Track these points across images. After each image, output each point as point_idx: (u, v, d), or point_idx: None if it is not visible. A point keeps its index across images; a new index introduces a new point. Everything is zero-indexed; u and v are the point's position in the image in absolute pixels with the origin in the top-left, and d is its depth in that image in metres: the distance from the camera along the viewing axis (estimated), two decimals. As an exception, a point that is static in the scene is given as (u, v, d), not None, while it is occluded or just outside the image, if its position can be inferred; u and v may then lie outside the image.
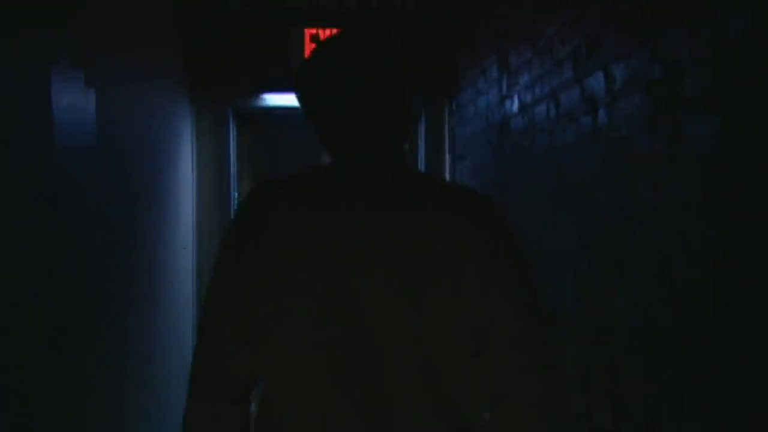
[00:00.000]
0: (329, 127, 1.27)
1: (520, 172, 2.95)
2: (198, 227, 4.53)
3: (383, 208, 1.20)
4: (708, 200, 1.50)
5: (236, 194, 4.79)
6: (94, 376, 2.45)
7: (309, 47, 4.61)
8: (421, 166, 4.74)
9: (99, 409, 2.51)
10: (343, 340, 1.18)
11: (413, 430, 1.18)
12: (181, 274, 4.11)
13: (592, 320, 2.17)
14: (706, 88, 1.50)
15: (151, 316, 3.38)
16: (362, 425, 1.17)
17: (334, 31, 4.47)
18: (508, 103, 3.17)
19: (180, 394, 1.39)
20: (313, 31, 4.53)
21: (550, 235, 2.53)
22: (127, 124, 3.00)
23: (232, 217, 1.30)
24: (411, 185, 1.25)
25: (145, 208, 3.30)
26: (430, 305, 1.17)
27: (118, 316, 2.79)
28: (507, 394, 1.19)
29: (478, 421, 1.23)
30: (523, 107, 2.91)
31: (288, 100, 4.60)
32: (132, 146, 3.09)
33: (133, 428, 2.97)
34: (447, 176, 4.59)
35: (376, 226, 1.19)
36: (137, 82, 3.19)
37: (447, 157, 4.61)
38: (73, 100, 2.31)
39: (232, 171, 4.67)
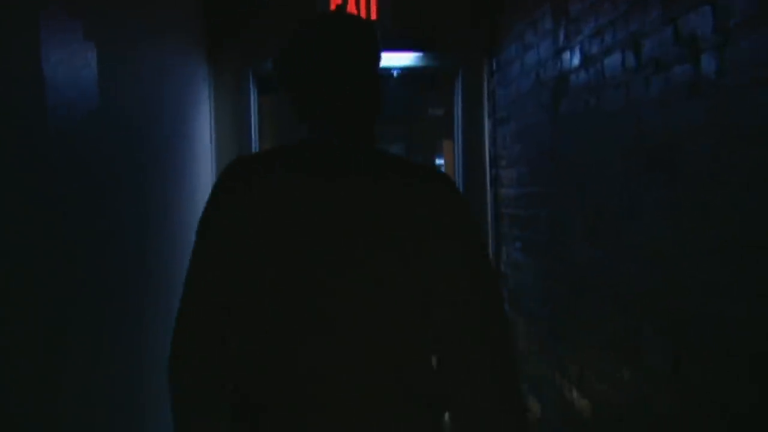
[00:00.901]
0: (302, 105, 1.35)
1: (582, 133, 2.58)
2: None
3: (345, 185, 1.29)
4: None
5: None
6: (100, 372, 2.15)
7: (334, 3, 4.23)
8: (458, 131, 4.37)
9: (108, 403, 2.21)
10: (301, 302, 1.28)
11: (365, 388, 1.28)
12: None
13: (696, 326, 1.81)
14: None
15: (168, 299, 3.07)
16: (315, 383, 1.28)
17: (364, -17, 4.10)
18: (565, 56, 2.78)
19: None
20: (340, -15, 4.17)
21: (627, 205, 2.17)
22: (136, 85, 2.66)
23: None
24: (373, 163, 1.33)
25: (158, 180, 2.97)
26: (381, 274, 1.27)
27: (130, 302, 2.48)
28: (455, 361, 1.28)
29: (422, 381, 1.32)
30: (587, 59, 2.53)
31: (313, 60, 4.23)
32: (142, 110, 2.75)
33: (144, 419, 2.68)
34: (486, 142, 4.22)
35: (337, 201, 1.28)
36: (148, 37, 2.85)
37: (486, 120, 4.23)
38: (69, 55, 1.97)
39: (253, 138, 4.33)
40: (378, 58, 1.38)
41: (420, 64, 4.21)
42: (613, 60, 2.28)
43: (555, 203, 2.93)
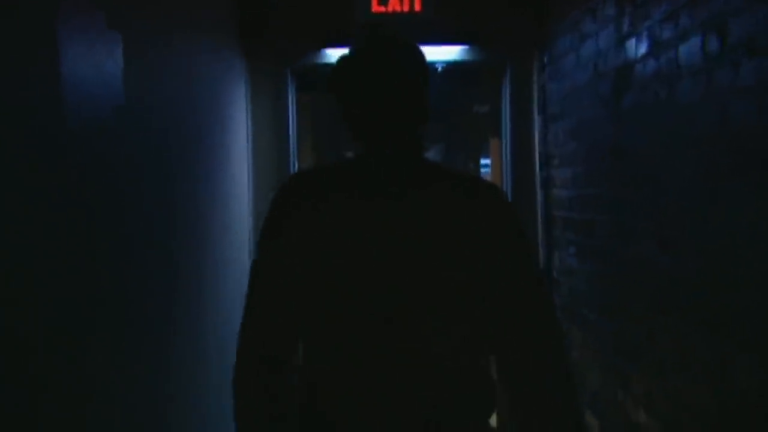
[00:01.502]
0: (357, 123, 1.43)
1: (651, 128, 2.34)
2: (254, 205, 4.03)
3: (400, 198, 1.41)
4: None
5: (296, 169, 4.27)
6: (123, 379, 1.98)
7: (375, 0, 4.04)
8: (505, 129, 4.14)
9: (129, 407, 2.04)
10: (366, 305, 1.38)
11: (424, 388, 1.38)
12: (233, 263, 3.63)
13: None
14: None
15: (200, 303, 2.91)
16: (387, 372, 1.38)
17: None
18: (630, 44, 2.54)
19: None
20: (380, -23, 3.97)
21: (709, 209, 1.93)
22: (166, 80, 2.50)
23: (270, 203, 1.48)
24: (426, 175, 1.44)
25: (188, 181, 2.80)
26: (438, 280, 1.38)
27: (153, 307, 2.31)
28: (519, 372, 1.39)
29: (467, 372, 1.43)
30: (656, 46, 2.29)
31: (353, 56, 4.04)
32: (172, 107, 2.58)
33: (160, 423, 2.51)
34: (536, 140, 3.98)
35: (393, 209, 1.40)
36: (180, 30, 2.68)
37: (536, 118, 3.99)
38: (90, 47, 1.80)
39: (291, 141, 4.15)
40: (426, 78, 1.45)
41: (466, 58, 3.99)
42: (691, 45, 2.04)
43: (616, 206, 2.69)
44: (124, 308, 1.97)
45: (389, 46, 1.43)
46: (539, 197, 3.97)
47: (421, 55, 1.45)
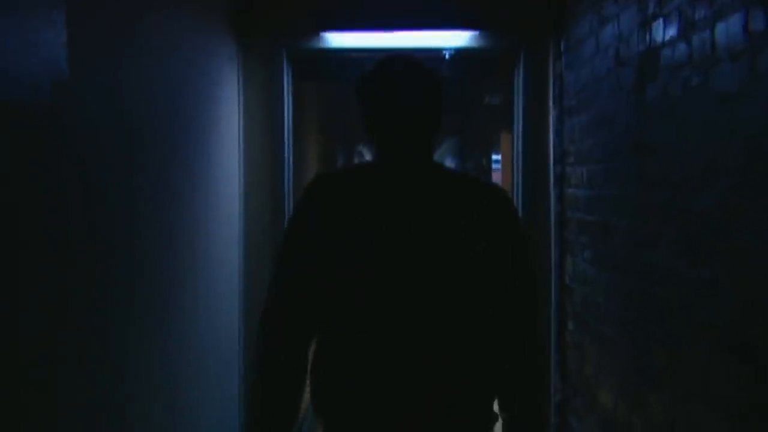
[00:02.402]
0: (379, 134, 1.67)
1: (680, 121, 2.03)
2: (246, 206, 3.73)
3: (415, 196, 1.65)
4: None
5: (291, 162, 3.97)
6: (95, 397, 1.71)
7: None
8: (518, 122, 3.83)
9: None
10: (381, 298, 1.61)
11: (445, 366, 1.62)
12: (222, 271, 3.34)
13: None
14: None
15: (166, 301, 2.64)
16: (394, 347, 1.60)
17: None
18: (656, 26, 2.24)
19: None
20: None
21: (753, 216, 1.62)
22: (133, 57, 2.22)
23: (298, 195, 1.77)
24: (438, 179, 1.68)
25: (161, 175, 2.52)
26: (454, 278, 1.62)
27: (110, 303, 2.04)
28: (507, 363, 1.67)
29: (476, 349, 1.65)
30: (687, 27, 1.98)
31: (356, 40, 3.74)
32: (140, 89, 2.31)
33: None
34: (551, 135, 3.67)
35: (409, 209, 1.63)
36: (152, 2, 2.40)
37: (552, 111, 3.68)
38: (16, 10, 1.53)
39: (286, 133, 3.86)
40: (440, 95, 1.68)
41: (476, 44, 3.69)
42: (730, 24, 1.73)
43: (639, 209, 2.39)
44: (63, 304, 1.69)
45: (409, 69, 1.67)
46: (552, 197, 3.66)
47: (436, 76, 1.69)
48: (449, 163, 12.91)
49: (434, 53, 3.82)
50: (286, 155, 3.87)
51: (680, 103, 2.03)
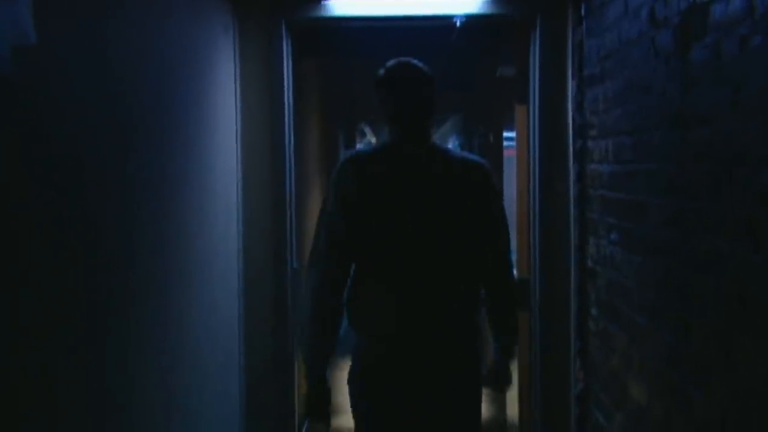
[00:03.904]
0: (395, 121, 2.50)
1: (736, 88, 1.79)
2: (245, 195, 3.48)
3: (425, 170, 2.46)
4: None
5: (292, 139, 3.72)
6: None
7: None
8: (533, 94, 3.59)
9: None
10: (399, 245, 2.42)
11: (439, 295, 2.45)
12: (214, 253, 3.11)
13: None
14: None
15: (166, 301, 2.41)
16: (406, 288, 2.43)
17: None
18: (703, -21, 1.98)
19: None
20: None
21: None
22: (112, 25, 1.97)
23: (334, 173, 2.48)
24: (439, 156, 2.52)
25: (157, 161, 2.28)
26: (450, 228, 2.45)
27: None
28: (491, 282, 2.57)
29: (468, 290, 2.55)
30: (746, -23, 1.73)
31: (360, 7, 3.48)
32: (128, 59, 2.06)
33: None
34: (570, 107, 3.43)
35: (422, 180, 2.45)
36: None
37: (570, 81, 3.43)
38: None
39: (286, 112, 3.60)
40: (434, 88, 2.50)
41: (489, 10, 3.44)
42: (805, -31, 1.48)
43: (681, 185, 2.15)
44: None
45: (412, 68, 2.49)
46: (572, 173, 3.42)
47: (430, 73, 2.49)
48: (454, 140, 12.67)
49: (444, 21, 3.56)
50: (286, 132, 3.63)
51: (736, 66, 1.79)
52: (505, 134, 4.81)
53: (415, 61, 2.50)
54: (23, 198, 1.48)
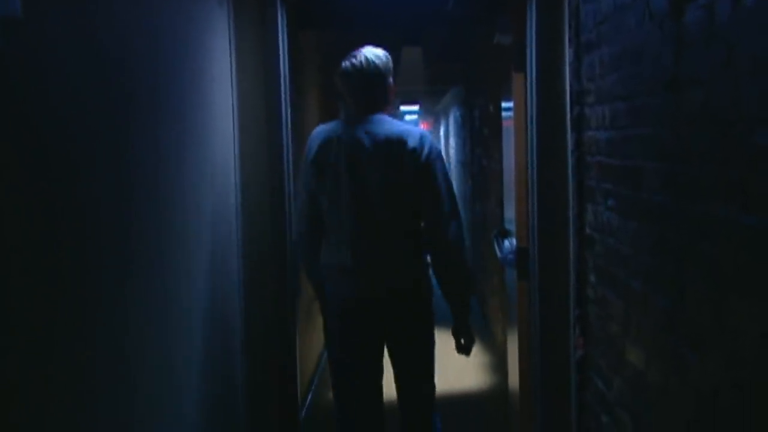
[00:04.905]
0: (349, 99, 3.37)
1: (729, 50, 1.77)
2: (242, 172, 3.48)
3: (367, 138, 3.25)
4: None
5: (288, 116, 3.71)
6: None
7: None
8: (531, 62, 3.57)
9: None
10: (350, 203, 3.27)
11: (386, 244, 3.32)
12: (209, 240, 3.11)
13: None
14: None
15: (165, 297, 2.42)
16: (359, 239, 3.30)
17: None
18: (696, -60, 1.96)
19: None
20: None
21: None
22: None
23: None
24: (386, 125, 3.30)
25: (152, 138, 2.28)
26: (392, 185, 3.24)
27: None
28: (433, 241, 3.36)
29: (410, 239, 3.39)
30: (739, -64, 1.71)
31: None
32: (119, 33, 2.05)
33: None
34: (567, 73, 3.40)
35: (362, 147, 3.25)
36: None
37: (567, 48, 3.40)
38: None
39: (282, 87, 3.59)
40: (388, 75, 3.41)
41: (484, -23, 3.39)
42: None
43: (675, 150, 2.14)
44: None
45: (366, 58, 3.34)
46: (570, 140, 3.41)
47: (386, 59, 3.38)
48: (455, 112, 12.61)
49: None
50: (283, 109, 3.62)
51: (729, 28, 1.77)
52: (504, 104, 4.79)
53: (372, 54, 3.29)
54: (8, 177, 1.48)
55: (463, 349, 3.48)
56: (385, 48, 3.41)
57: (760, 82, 1.61)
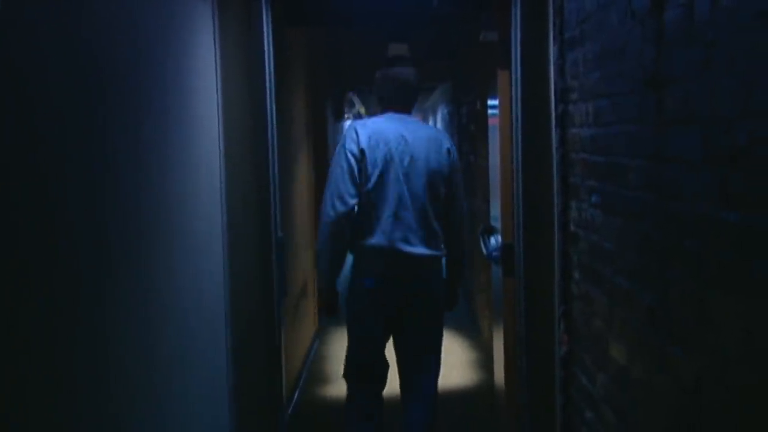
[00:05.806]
0: (390, 101, 4.13)
1: (709, 48, 1.78)
2: (227, 170, 3.46)
3: (409, 135, 3.95)
4: None
5: (273, 113, 3.70)
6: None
7: None
8: (515, 59, 3.57)
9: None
10: (391, 192, 3.87)
11: (418, 232, 3.90)
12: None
13: None
14: None
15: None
16: (395, 226, 3.87)
17: None
18: (677, -62, 1.96)
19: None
20: None
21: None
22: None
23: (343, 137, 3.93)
24: (421, 126, 4.13)
25: (133, 137, 2.26)
26: (429, 179, 3.93)
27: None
28: (448, 220, 4.09)
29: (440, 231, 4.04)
30: (719, -66, 1.71)
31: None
32: (99, 28, 2.03)
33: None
34: (552, 71, 3.41)
35: (406, 142, 3.91)
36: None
37: (552, 45, 3.41)
38: None
39: (267, 87, 3.57)
40: (417, 87, 4.19)
41: (468, -26, 3.39)
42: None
43: (656, 147, 2.15)
44: None
45: (410, 72, 4.09)
46: (554, 138, 3.42)
47: (415, 72, 4.12)
48: (443, 109, 12.63)
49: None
50: (268, 106, 3.61)
51: (708, 26, 1.78)
52: (491, 102, 4.80)
53: (413, 71, 4.08)
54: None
55: (448, 306, 4.19)
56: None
57: (738, 81, 1.62)
